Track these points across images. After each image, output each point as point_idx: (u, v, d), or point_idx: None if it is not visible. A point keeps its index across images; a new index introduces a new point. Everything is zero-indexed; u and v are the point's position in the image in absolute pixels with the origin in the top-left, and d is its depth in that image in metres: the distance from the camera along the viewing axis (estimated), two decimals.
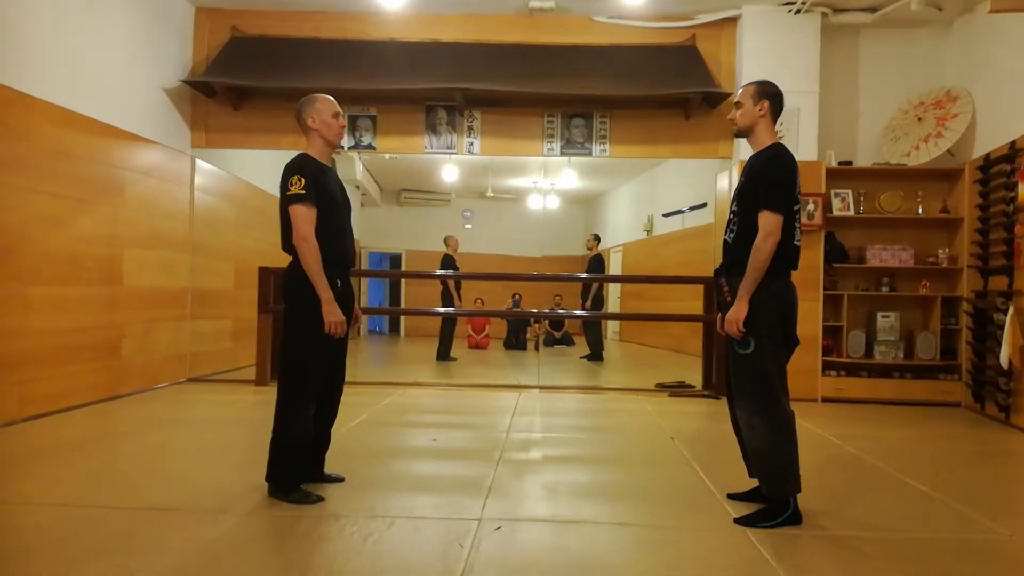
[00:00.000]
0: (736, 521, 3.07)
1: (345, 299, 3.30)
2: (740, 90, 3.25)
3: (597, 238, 10.84)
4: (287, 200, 3.17)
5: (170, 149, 6.68)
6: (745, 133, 3.25)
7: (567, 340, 13.25)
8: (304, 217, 3.15)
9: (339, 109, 3.39)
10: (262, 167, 8.53)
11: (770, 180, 3.05)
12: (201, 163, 7.17)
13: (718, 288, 3.24)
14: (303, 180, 3.15)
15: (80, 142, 5.41)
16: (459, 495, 3.31)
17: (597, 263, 10.46)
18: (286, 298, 3.30)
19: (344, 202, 3.40)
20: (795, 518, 3.05)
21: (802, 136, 6.64)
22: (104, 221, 5.68)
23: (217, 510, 3.07)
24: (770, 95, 3.20)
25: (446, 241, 10.28)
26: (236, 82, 6.76)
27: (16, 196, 4.77)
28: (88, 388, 5.51)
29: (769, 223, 3.00)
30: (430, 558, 2.60)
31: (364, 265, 15.22)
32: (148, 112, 6.35)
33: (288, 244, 3.23)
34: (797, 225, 3.13)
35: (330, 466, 3.56)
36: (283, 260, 3.36)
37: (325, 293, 3.16)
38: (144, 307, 6.21)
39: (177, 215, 6.82)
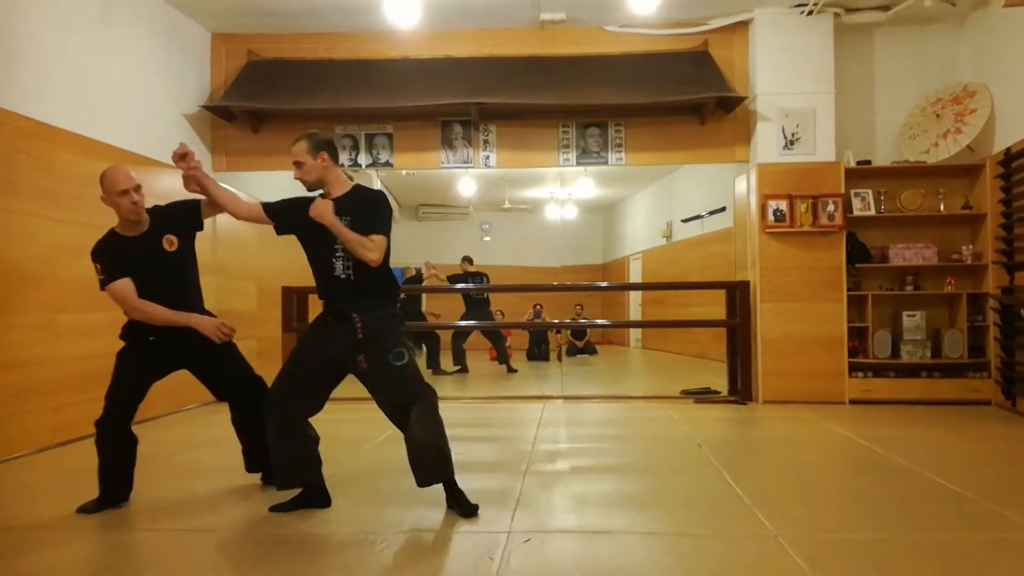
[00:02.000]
0: (272, 509, 3.31)
1: (167, 345, 3.49)
2: (294, 148, 3.32)
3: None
4: (99, 286, 3.37)
5: None
6: (319, 186, 3.36)
7: (590, 349, 13.22)
8: (121, 293, 3.34)
9: (129, 185, 3.37)
10: (282, 188, 8.57)
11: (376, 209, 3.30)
12: (222, 186, 7.23)
13: (351, 324, 3.26)
14: (99, 266, 3.35)
15: (103, 170, 5.49)
16: (487, 508, 3.31)
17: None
18: None
19: (159, 263, 3.49)
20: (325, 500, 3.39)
21: (819, 137, 6.61)
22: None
23: (250, 529, 3.11)
24: (324, 144, 3.34)
25: (425, 265, 10.44)
26: (254, 105, 6.85)
27: (42, 225, 4.88)
28: None
29: (381, 243, 3.22)
30: (461, 572, 2.62)
31: None
32: (168, 138, 6.42)
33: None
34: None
35: (357, 483, 3.59)
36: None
37: (183, 319, 3.42)
38: None
39: (200, 238, 6.85)
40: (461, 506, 3.26)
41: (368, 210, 3.28)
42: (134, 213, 3.42)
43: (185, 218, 3.65)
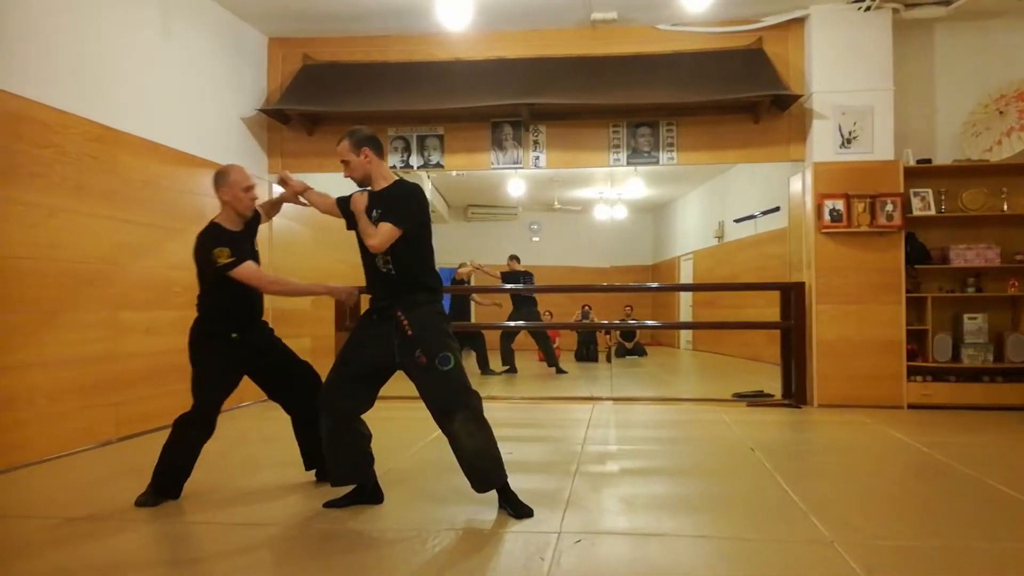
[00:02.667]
0: (326, 505, 3.39)
1: (244, 342, 3.65)
2: (338, 148, 3.37)
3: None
4: (223, 270, 3.45)
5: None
6: (366, 182, 3.40)
7: (639, 350, 13.13)
8: (255, 271, 3.50)
9: (252, 183, 3.62)
10: (338, 189, 8.71)
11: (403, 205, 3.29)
12: (278, 188, 7.37)
13: (397, 323, 3.25)
14: (227, 250, 3.44)
15: (165, 172, 5.67)
16: (537, 508, 3.31)
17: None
18: (190, 346, 3.64)
19: (253, 258, 3.65)
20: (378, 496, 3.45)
21: (877, 135, 6.46)
22: (189, 247, 5.87)
23: (304, 524, 3.18)
24: (366, 140, 3.35)
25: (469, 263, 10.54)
26: (309, 108, 6.97)
27: (107, 225, 5.04)
28: (178, 408, 5.60)
29: (385, 231, 3.19)
30: (511, 571, 2.63)
31: None
32: (227, 141, 6.61)
33: (201, 297, 3.61)
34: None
35: (409, 480, 3.63)
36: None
37: (319, 289, 3.95)
38: None
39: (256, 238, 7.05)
40: (514, 508, 3.26)
41: (393, 202, 3.31)
42: (250, 209, 3.66)
43: (257, 223, 3.86)
